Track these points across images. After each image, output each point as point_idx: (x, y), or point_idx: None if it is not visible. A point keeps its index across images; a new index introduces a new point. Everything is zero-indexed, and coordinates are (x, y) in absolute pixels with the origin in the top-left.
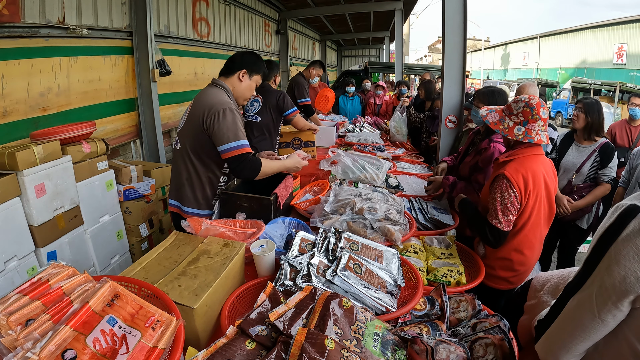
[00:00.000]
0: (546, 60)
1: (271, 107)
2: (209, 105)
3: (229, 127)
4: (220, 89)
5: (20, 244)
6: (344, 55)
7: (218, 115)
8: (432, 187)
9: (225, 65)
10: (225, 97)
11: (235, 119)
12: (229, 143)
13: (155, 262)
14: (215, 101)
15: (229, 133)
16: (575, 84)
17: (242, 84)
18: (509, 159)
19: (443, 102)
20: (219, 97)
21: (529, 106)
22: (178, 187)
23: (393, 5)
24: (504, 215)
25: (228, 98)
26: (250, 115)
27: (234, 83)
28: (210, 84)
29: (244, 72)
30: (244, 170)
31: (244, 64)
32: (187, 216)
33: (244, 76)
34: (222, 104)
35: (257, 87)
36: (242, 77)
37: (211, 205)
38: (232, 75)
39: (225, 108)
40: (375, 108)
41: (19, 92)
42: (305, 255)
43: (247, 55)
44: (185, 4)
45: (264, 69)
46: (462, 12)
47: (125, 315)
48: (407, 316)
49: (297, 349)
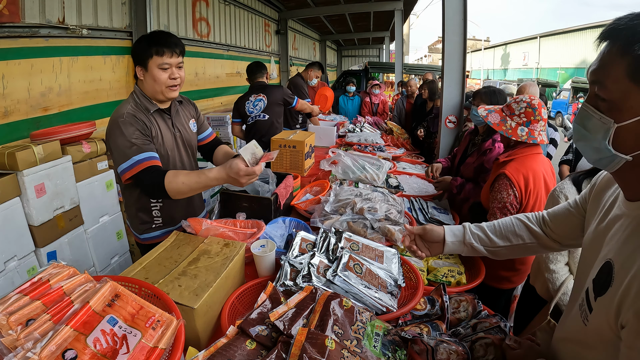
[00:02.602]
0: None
1: (277, 103)
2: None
3: (117, 146)
4: (130, 97)
5: (20, 244)
6: (344, 55)
7: (107, 134)
8: (440, 186)
9: None
10: (124, 106)
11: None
12: (120, 165)
13: (155, 262)
14: (113, 116)
15: (118, 153)
16: (575, 84)
17: (145, 81)
18: (510, 159)
19: (443, 102)
20: (118, 110)
21: (531, 107)
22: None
23: (393, 5)
24: (502, 215)
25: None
26: (257, 114)
27: (139, 84)
28: None
29: (139, 69)
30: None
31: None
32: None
33: (141, 72)
34: (112, 119)
35: (257, 87)
36: (141, 74)
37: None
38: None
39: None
40: (372, 107)
41: (20, 92)
42: (306, 255)
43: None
44: (185, 4)
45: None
46: (462, 12)
47: (125, 315)
48: (408, 316)
49: (298, 349)
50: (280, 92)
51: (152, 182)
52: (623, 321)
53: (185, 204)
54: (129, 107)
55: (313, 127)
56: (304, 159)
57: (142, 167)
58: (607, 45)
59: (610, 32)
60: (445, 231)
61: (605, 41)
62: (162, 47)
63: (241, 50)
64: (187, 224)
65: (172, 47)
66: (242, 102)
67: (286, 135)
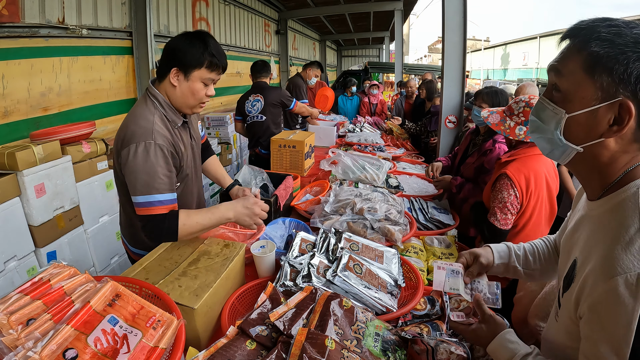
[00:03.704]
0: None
1: (273, 104)
2: (125, 132)
3: (139, 173)
4: (148, 103)
5: (20, 244)
6: (344, 55)
7: (129, 151)
8: (440, 185)
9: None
10: (147, 119)
11: (153, 160)
12: (136, 196)
13: (155, 262)
14: (135, 127)
15: (138, 181)
16: None
17: (177, 89)
18: (511, 159)
19: (443, 102)
20: (137, 120)
21: (530, 106)
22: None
23: (393, 5)
24: (502, 214)
25: (154, 117)
26: (255, 115)
27: (167, 89)
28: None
29: (176, 72)
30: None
31: (171, 58)
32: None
33: (178, 77)
34: (141, 136)
35: (257, 87)
36: (175, 79)
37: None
38: (164, 80)
39: (141, 142)
40: (370, 107)
41: (20, 92)
42: (306, 255)
43: (176, 41)
44: (185, 4)
45: (209, 56)
46: (462, 12)
47: (126, 315)
48: (408, 316)
49: (298, 349)
50: (277, 94)
51: (168, 227)
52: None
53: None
54: (156, 122)
55: (313, 127)
56: (303, 159)
57: (163, 211)
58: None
59: (572, 31)
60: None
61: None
62: (218, 61)
63: (241, 50)
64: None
65: (224, 64)
66: (243, 101)
67: (286, 135)
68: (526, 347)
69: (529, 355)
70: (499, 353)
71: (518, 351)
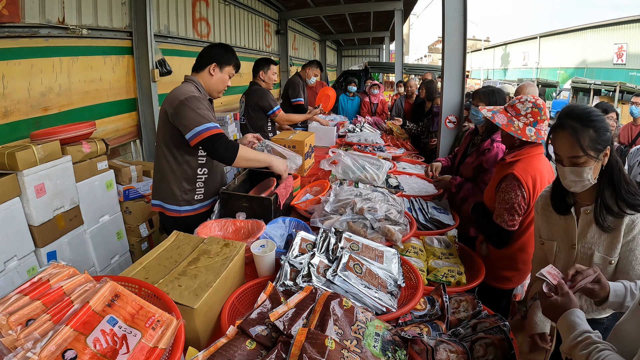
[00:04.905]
0: (546, 60)
1: (253, 107)
2: (172, 98)
3: (192, 114)
4: (189, 83)
5: (20, 244)
6: (344, 55)
7: (180, 104)
8: (440, 185)
9: (196, 61)
10: (189, 88)
11: (198, 104)
12: (194, 128)
13: (155, 262)
14: (178, 93)
15: (192, 119)
16: (575, 84)
17: (214, 77)
18: (516, 159)
19: (443, 102)
20: (183, 89)
21: (537, 106)
22: (157, 185)
23: (393, 5)
24: (509, 216)
25: (194, 89)
26: (240, 117)
27: (205, 78)
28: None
29: (215, 66)
30: (219, 150)
31: (212, 57)
32: (170, 214)
33: (215, 69)
34: (183, 94)
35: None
36: (213, 70)
37: (190, 201)
38: (203, 70)
39: (186, 97)
40: (371, 107)
41: (20, 92)
42: (306, 255)
43: (215, 48)
44: (185, 4)
45: (235, 60)
46: (462, 12)
47: (125, 315)
48: (408, 316)
49: (298, 349)
50: (256, 96)
51: (227, 142)
52: None
53: (219, 180)
54: (193, 90)
55: (313, 126)
56: (303, 159)
57: (217, 132)
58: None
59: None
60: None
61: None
62: (238, 63)
63: (241, 50)
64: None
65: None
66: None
67: (286, 135)
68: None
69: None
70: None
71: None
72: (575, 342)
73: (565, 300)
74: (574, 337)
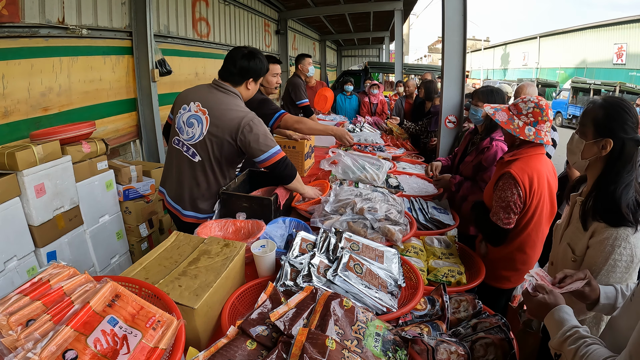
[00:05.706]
0: (546, 60)
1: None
2: (238, 119)
3: (264, 137)
4: (234, 97)
5: (20, 244)
6: (344, 55)
7: (250, 127)
8: (440, 184)
9: (228, 71)
10: (239, 103)
11: (263, 127)
12: (266, 152)
13: (155, 262)
14: (242, 113)
15: (265, 143)
16: (575, 84)
17: (250, 90)
18: (514, 158)
19: (443, 102)
20: (241, 107)
21: (539, 107)
22: (195, 198)
23: (393, 5)
24: (505, 214)
25: (242, 104)
26: None
27: (242, 91)
28: (219, 88)
29: (251, 80)
30: (286, 170)
31: (251, 73)
32: (187, 220)
33: (251, 83)
34: (248, 116)
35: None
36: (250, 84)
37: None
38: (241, 85)
39: (253, 118)
40: (371, 107)
41: (20, 92)
42: (306, 255)
43: (254, 62)
44: (185, 4)
45: (267, 68)
46: (462, 12)
47: (126, 316)
48: (408, 316)
49: (298, 349)
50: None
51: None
52: None
53: None
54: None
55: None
56: (303, 159)
57: (283, 154)
58: None
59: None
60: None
61: None
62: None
63: None
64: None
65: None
66: None
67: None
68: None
69: (579, 329)
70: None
71: (569, 322)
72: (564, 337)
73: (552, 297)
74: (563, 333)
